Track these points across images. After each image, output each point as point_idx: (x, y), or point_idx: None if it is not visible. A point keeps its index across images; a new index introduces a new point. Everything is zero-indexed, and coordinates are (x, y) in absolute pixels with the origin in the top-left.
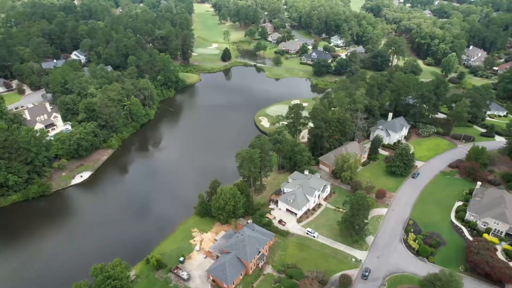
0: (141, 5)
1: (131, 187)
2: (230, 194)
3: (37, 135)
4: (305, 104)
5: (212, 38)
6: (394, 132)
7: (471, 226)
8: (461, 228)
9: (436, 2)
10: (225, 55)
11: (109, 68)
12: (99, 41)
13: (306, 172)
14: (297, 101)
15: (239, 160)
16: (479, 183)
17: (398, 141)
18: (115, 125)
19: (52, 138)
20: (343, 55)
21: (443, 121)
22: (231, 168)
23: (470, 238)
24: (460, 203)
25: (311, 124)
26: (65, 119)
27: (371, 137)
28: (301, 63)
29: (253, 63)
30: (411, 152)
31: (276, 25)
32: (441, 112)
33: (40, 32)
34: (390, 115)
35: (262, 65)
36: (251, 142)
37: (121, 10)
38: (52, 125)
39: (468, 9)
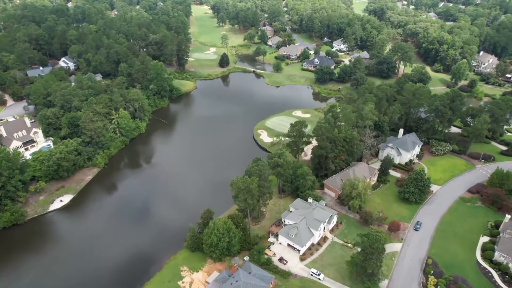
0: (138, 7)
1: (117, 212)
2: (223, 229)
3: (10, 156)
4: (307, 116)
5: (210, 41)
6: (406, 151)
7: (502, 270)
8: (489, 272)
9: (441, 4)
10: (223, 61)
11: (99, 77)
12: (88, 47)
13: (310, 200)
14: (299, 112)
15: (234, 190)
16: (507, 216)
17: (410, 161)
18: (101, 141)
19: (31, 157)
20: (346, 60)
21: (457, 137)
22: (226, 189)
23: (502, 286)
24: (486, 238)
25: (314, 142)
26: (46, 135)
27: (380, 155)
28: (303, 69)
29: (252, 69)
30: (426, 177)
31: (276, 28)
32: (455, 126)
33: (26, 37)
34: (401, 131)
35: (262, 71)
36: (248, 168)
37: (116, 13)
38: (31, 141)
39: (476, 11)
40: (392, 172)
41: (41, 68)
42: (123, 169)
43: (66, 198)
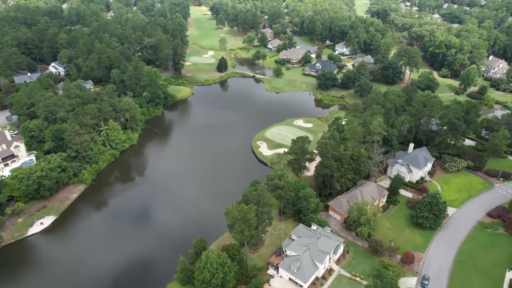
0: (135, 8)
1: (103, 235)
2: (217, 263)
3: None
4: (309, 125)
5: (208, 44)
6: (417, 169)
7: None
8: None
9: (445, 6)
10: (221, 65)
11: (90, 83)
12: (79, 52)
13: (314, 227)
14: (300, 121)
15: (230, 220)
16: None
17: (422, 179)
18: (88, 155)
19: (10, 174)
20: (349, 65)
21: (472, 151)
22: (222, 210)
23: None
24: None
25: (318, 157)
26: (29, 148)
27: (389, 172)
28: (304, 74)
29: (251, 74)
30: (442, 201)
31: (276, 30)
32: (468, 138)
33: (14, 41)
34: (411, 146)
35: (261, 76)
36: (244, 192)
37: (112, 14)
38: (12, 156)
39: (482, 13)
40: (402, 191)
41: (28, 74)
42: (112, 185)
43: (48, 220)
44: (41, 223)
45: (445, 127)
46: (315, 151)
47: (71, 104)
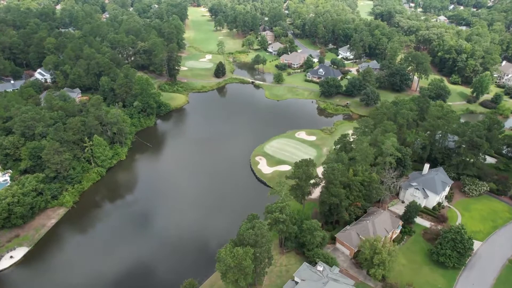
0: (131, 9)
1: (84, 268)
2: None
3: None
4: (312, 138)
5: (206, 47)
6: (434, 194)
7: None
8: None
9: (451, 7)
10: (219, 70)
11: (77, 92)
12: (66, 57)
13: (320, 267)
14: (303, 133)
15: (222, 268)
16: None
17: (439, 204)
18: (70, 174)
19: None
20: (353, 70)
21: (494, 172)
22: (216, 242)
23: None
24: None
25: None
26: (4, 167)
27: (402, 196)
28: (306, 80)
29: (250, 80)
30: (467, 237)
31: (277, 33)
32: (488, 155)
33: None
34: (426, 167)
35: (261, 82)
36: (239, 231)
37: (107, 16)
38: None
39: (491, 15)
40: (418, 220)
41: (12, 81)
42: (97, 208)
43: (19, 253)
44: (11, 257)
45: (464, 146)
46: (321, 176)
47: (53, 118)
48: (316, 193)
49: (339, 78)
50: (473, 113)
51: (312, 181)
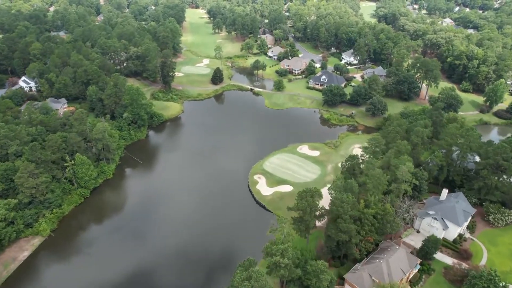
0: (127, 11)
1: None
2: None
3: None
4: (315, 153)
5: (204, 51)
6: (455, 225)
7: None
8: None
9: (456, 9)
10: (216, 77)
11: (63, 102)
12: (52, 64)
13: None
14: (305, 148)
15: None
16: None
17: (460, 236)
18: (48, 199)
19: None
20: (358, 76)
21: None
22: (207, 273)
23: None
24: None
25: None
26: None
27: (417, 225)
28: (308, 88)
29: (249, 87)
30: (503, 286)
31: (277, 36)
32: None
33: None
34: (445, 192)
35: (260, 89)
36: (233, 282)
37: (102, 18)
38: None
39: (500, 18)
40: (437, 255)
41: None
42: (77, 236)
43: None
44: None
45: (487, 168)
46: (327, 208)
47: (31, 134)
48: (320, 222)
49: (342, 85)
50: (487, 124)
51: (317, 213)
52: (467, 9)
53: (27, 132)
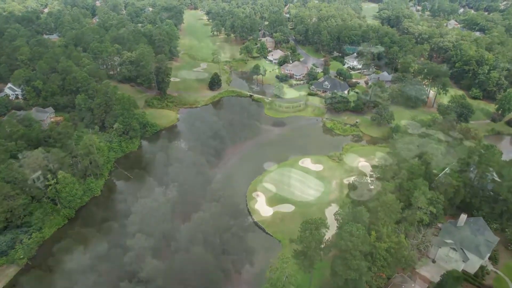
0: (124, 12)
1: None
2: None
3: None
4: (318, 167)
5: (202, 55)
6: (477, 257)
7: None
8: None
9: (461, 11)
10: (214, 83)
11: (50, 112)
12: (39, 71)
13: None
14: (307, 161)
15: None
16: None
17: (482, 268)
18: (26, 222)
19: None
20: (362, 81)
21: None
22: None
23: None
24: None
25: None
26: None
27: (432, 254)
28: (310, 94)
29: (248, 93)
30: None
31: (278, 39)
32: None
33: None
34: (463, 217)
35: (260, 96)
36: None
37: (97, 20)
38: None
39: (507, 20)
40: None
41: None
42: (58, 263)
43: None
44: None
45: (511, 191)
46: (333, 230)
47: (9, 150)
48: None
49: (346, 91)
50: (500, 133)
51: (322, 246)
52: (472, 11)
53: (5, 149)
